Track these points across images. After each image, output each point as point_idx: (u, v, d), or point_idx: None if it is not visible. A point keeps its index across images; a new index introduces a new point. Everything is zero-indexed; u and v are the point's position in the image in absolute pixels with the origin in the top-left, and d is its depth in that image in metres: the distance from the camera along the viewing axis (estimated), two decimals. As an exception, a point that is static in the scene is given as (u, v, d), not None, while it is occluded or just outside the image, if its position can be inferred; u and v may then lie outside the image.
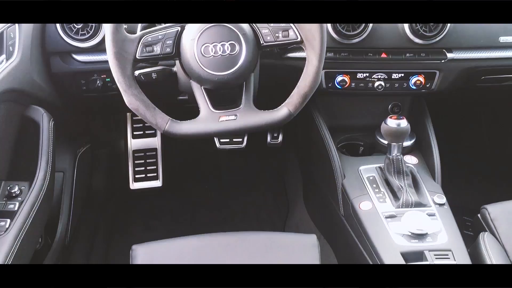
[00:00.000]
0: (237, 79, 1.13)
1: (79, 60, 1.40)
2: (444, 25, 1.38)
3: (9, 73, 1.20)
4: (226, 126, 1.12)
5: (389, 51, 1.45)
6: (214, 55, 1.09)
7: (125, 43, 1.06)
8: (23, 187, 1.23)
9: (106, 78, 1.44)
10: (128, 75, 1.07)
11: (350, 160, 1.54)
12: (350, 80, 1.49)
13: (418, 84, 1.50)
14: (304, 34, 1.11)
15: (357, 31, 1.39)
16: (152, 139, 2.06)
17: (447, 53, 1.45)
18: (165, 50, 1.10)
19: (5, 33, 1.20)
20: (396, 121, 1.35)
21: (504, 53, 1.48)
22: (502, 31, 1.45)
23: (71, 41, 1.36)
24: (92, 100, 1.53)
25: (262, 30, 1.13)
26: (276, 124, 1.15)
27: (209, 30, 1.10)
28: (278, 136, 1.87)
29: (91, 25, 1.34)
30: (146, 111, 1.09)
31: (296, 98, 1.14)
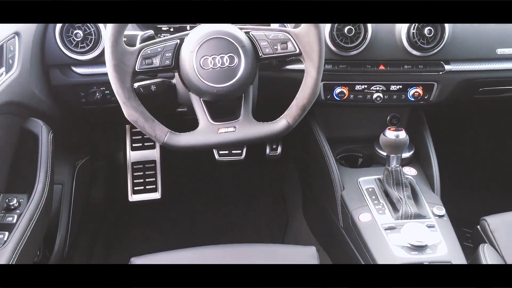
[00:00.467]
0: (236, 91, 1.13)
1: (78, 73, 1.41)
2: (442, 37, 1.39)
3: (9, 86, 1.20)
4: (225, 138, 1.12)
5: (387, 63, 1.46)
6: (213, 68, 1.10)
7: (125, 56, 1.07)
8: (22, 200, 1.22)
9: (106, 90, 1.45)
10: (127, 88, 1.07)
11: (349, 171, 1.54)
12: (349, 92, 1.50)
13: (416, 96, 1.50)
14: (303, 46, 1.12)
15: (355, 43, 1.39)
16: (151, 151, 2.06)
17: (445, 65, 1.46)
18: (164, 62, 1.11)
19: (4, 46, 1.21)
20: (395, 133, 1.35)
21: (501, 65, 1.49)
22: (499, 43, 1.46)
23: (71, 54, 1.37)
24: (91, 112, 1.53)
25: (261, 42, 1.14)
26: (275, 136, 1.15)
27: (208, 43, 1.10)
28: (277, 148, 1.87)
29: (90, 37, 1.35)
30: (145, 123, 1.10)
31: (294, 110, 1.14)
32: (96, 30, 1.35)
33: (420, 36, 1.39)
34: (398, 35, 1.42)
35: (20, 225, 1.15)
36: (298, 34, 1.12)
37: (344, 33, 1.38)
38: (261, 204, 2.23)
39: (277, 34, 1.13)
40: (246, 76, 1.12)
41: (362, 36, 1.39)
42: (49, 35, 1.36)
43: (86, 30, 1.35)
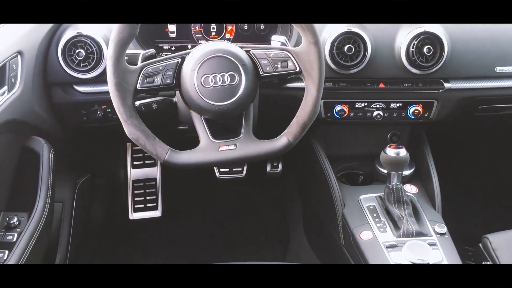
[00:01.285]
0: (236, 109, 1.14)
1: (80, 91, 1.42)
2: (441, 56, 1.40)
3: (11, 104, 1.21)
4: (225, 156, 1.13)
5: (387, 81, 1.47)
6: (214, 86, 1.11)
7: (126, 74, 1.08)
8: (22, 218, 1.22)
9: (107, 108, 1.45)
10: (128, 106, 1.08)
11: (350, 189, 1.54)
12: (349, 109, 1.50)
13: (416, 114, 1.51)
14: (303, 65, 1.13)
15: (355, 61, 1.40)
16: (151, 169, 2.07)
17: (445, 83, 1.47)
18: (166, 81, 1.11)
19: (7, 65, 1.22)
20: (395, 150, 1.35)
21: (501, 83, 1.49)
22: (498, 61, 1.47)
23: (73, 73, 1.37)
24: (93, 130, 1.53)
25: (261, 61, 1.14)
26: (275, 154, 1.15)
27: (209, 61, 1.11)
28: (278, 166, 1.87)
29: (92, 56, 1.36)
30: (146, 141, 1.10)
31: (295, 127, 1.14)
32: (98, 49, 1.36)
33: (419, 55, 1.40)
34: (397, 53, 1.43)
35: (20, 244, 1.15)
36: (298, 53, 1.13)
37: (344, 51, 1.39)
38: (262, 222, 2.22)
39: (278, 53, 1.14)
40: (246, 94, 1.13)
41: (361, 54, 1.40)
42: (52, 54, 1.37)
43: (88, 49, 1.36)
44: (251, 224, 2.21)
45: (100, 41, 1.36)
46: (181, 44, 1.55)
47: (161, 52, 1.53)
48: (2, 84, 1.21)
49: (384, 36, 1.43)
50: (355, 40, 1.39)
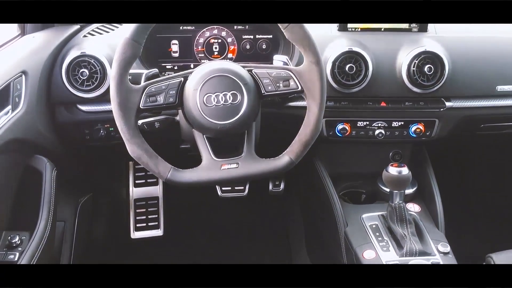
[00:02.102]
0: (239, 127, 1.14)
1: (83, 110, 1.43)
2: (442, 75, 1.41)
3: (14, 124, 1.22)
4: (228, 174, 1.13)
5: (388, 100, 1.47)
6: (216, 105, 1.11)
7: (129, 94, 1.09)
8: (24, 237, 1.22)
9: (110, 127, 1.46)
10: (131, 125, 1.08)
11: (352, 208, 1.54)
12: (351, 128, 1.51)
13: (418, 132, 1.51)
14: (304, 84, 1.13)
15: (356, 80, 1.41)
16: (153, 187, 2.06)
17: (446, 102, 1.47)
18: (168, 100, 1.12)
19: (11, 84, 1.23)
20: (397, 169, 1.35)
21: (502, 101, 1.50)
22: (499, 80, 1.48)
23: (77, 92, 1.39)
24: (95, 149, 1.54)
25: (263, 80, 1.15)
26: (277, 172, 1.15)
27: (211, 81, 1.12)
28: (280, 184, 1.87)
29: (96, 76, 1.37)
30: (149, 160, 1.10)
31: (297, 146, 1.15)
32: (102, 68, 1.37)
33: (420, 74, 1.41)
34: (398, 73, 1.44)
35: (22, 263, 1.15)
36: (300, 72, 1.14)
37: (345, 70, 1.40)
38: (264, 240, 2.21)
39: (280, 72, 1.15)
40: (248, 113, 1.13)
41: (363, 73, 1.41)
42: (56, 74, 1.38)
43: (92, 69, 1.37)
44: (254, 242, 2.20)
45: (104, 60, 1.37)
46: (183, 64, 1.56)
47: (164, 71, 1.54)
48: (6, 104, 1.22)
49: (385, 55, 1.45)
50: (356, 60, 1.41)
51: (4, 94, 1.21)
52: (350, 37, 1.46)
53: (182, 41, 1.54)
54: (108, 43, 1.43)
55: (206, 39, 1.55)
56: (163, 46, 1.54)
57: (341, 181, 1.66)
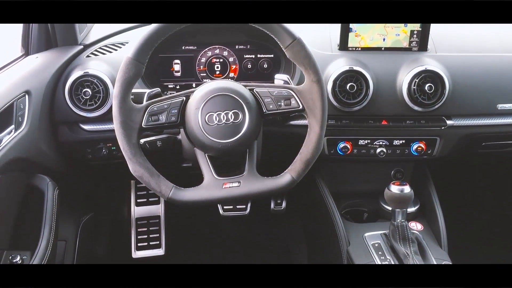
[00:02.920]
0: (240, 146, 1.14)
1: (86, 129, 1.43)
2: (442, 93, 1.42)
3: (17, 143, 1.22)
4: (229, 193, 1.13)
5: (389, 118, 1.48)
6: (218, 123, 1.12)
7: (132, 113, 1.09)
8: (25, 257, 1.21)
9: (112, 146, 1.47)
10: (133, 144, 1.09)
11: (354, 226, 1.53)
12: (352, 146, 1.51)
13: (419, 151, 1.51)
14: (306, 103, 1.14)
15: (357, 99, 1.42)
16: (155, 206, 2.06)
17: (447, 120, 1.48)
18: (170, 119, 1.13)
19: (15, 104, 1.24)
20: (399, 187, 1.35)
21: (502, 120, 1.50)
22: (499, 98, 1.48)
23: (79, 111, 1.39)
24: (97, 168, 1.54)
25: (265, 99, 1.16)
26: (279, 191, 1.15)
27: (213, 100, 1.13)
28: (282, 203, 1.86)
29: (99, 95, 1.38)
30: (151, 179, 1.10)
31: (299, 164, 1.15)
32: (105, 88, 1.38)
33: (421, 92, 1.41)
34: (399, 91, 1.44)
35: None
36: (301, 91, 1.15)
37: (346, 89, 1.41)
38: (266, 259, 2.20)
39: (281, 91, 1.16)
40: (250, 131, 1.14)
41: (363, 92, 1.42)
42: (59, 93, 1.39)
43: (95, 88, 1.38)
44: (256, 261, 2.18)
45: (107, 80, 1.38)
46: (185, 83, 1.57)
47: (166, 90, 1.56)
48: (9, 123, 1.23)
49: (385, 74, 1.46)
50: (357, 78, 1.41)
51: (7, 113, 1.21)
52: (351, 56, 1.48)
53: (184, 60, 1.56)
54: (111, 63, 1.45)
55: (208, 58, 1.56)
56: (166, 66, 1.56)
57: (343, 199, 1.65)
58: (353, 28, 1.48)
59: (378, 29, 1.48)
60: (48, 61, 1.43)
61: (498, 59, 1.52)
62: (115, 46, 1.52)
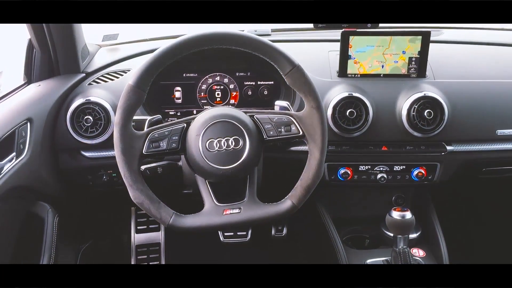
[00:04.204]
0: (241, 172, 1.14)
1: (87, 156, 1.44)
2: (442, 119, 1.42)
3: (18, 171, 1.23)
4: (230, 220, 1.12)
5: (389, 144, 1.48)
6: (218, 150, 1.12)
7: (133, 140, 1.10)
8: (24, 285, 1.20)
9: (113, 173, 1.47)
10: (134, 170, 1.09)
11: (356, 253, 1.52)
12: (353, 172, 1.51)
13: (420, 176, 1.51)
14: (306, 129, 1.14)
15: (357, 125, 1.43)
16: (155, 233, 2.04)
17: (447, 146, 1.48)
18: (171, 145, 1.13)
19: (16, 131, 1.24)
20: (401, 213, 1.35)
21: (502, 145, 1.50)
22: (498, 124, 1.49)
23: (81, 139, 1.40)
24: (98, 195, 1.53)
25: (265, 125, 1.17)
26: (280, 217, 1.15)
27: (213, 126, 1.13)
28: (283, 229, 1.85)
29: (100, 122, 1.39)
30: (151, 205, 1.10)
31: (299, 190, 1.15)
32: (106, 115, 1.39)
33: (420, 118, 1.42)
34: (398, 117, 1.45)
35: None
36: (301, 117, 1.15)
37: (345, 115, 1.42)
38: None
39: (281, 117, 1.16)
40: (251, 158, 1.14)
41: (363, 118, 1.42)
42: (61, 121, 1.40)
43: (96, 116, 1.39)
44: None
45: (108, 107, 1.40)
46: (186, 110, 1.58)
47: (167, 117, 1.57)
48: (11, 151, 1.23)
49: (384, 101, 1.47)
50: (356, 105, 1.42)
51: (9, 141, 1.22)
52: (350, 83, 1.49)
53: (185, 88, 1.57)
54: (113, 90, 1.46)
55: (208, 85, 1.58)
56: (167, 93, 1.57)
57: (344, 226, 1.64)
58: (352, 55, 1.50)
59: (376, 56, 1.50)
60: (50, 88, 1.45)
61: (497, 85, 1.53)
62: (117, 73, 1.54)
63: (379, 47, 1.48)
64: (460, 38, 1.76)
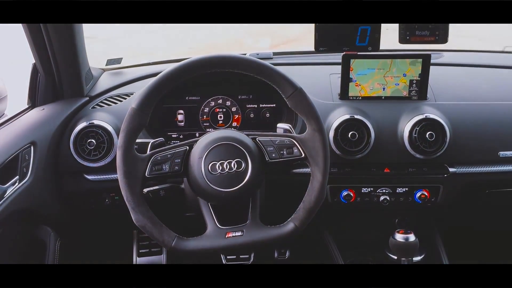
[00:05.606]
0: (243, 195, 1.14)
1: (90, 180, 1.44)
2: (443, 141, 1.42)
3: (20, 194, 1.23)
4: (232, 243, 1.12)
5: (392, 166, 1.48)
6: (221, 172, 1.12)
7: (135, 163, 1.10)
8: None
9: (115, 196, 1.47)
10: (136, 194, 1.09)
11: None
12: (355, 194, 1.51)
13: (423, 198, 1.50)
14: (308, 151, 1.15)
15: (359, 147, 1.43)
16: (157, 256, 2.03)
17: (449, 168, 1.48)
18: (174, 168, 1.13)
19: (20, 155, 1.25)
20: (404, 236, 1.34)
21: (505, 167, 1.50)
22: (500, 146, 1.49)
23: (83, 162, 1.40)
24: (100, 218, 1.53)
25: (267, 147, 1.17)
26: (282, 240, 1.14)
27: (216, 149, 1.14)
28: (286, 252, 1.84)
29: (103, 145, 1.40)
30: (153, 228, 1.10)
31: (302, 213, 1.14)
32: (109, 138, 1.40)
33: (422, 140, 1.42)
34: (400, 139, 1.45)
35: None
36: (303, 140, 1.16)
37: (347, 137, 1.42)
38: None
39: (283, 140, 1.17)
40: (253, 180, 1.14)
41: (365, 140, 1.43)
42: (64, 144, 1.41)
43: (100, 139, 1.40)
44: None
45: (111, 130, 1.40)
46: (189, 133, 1.59)
47: (170, 140, 1.57)
48: (14, 174, 1.23)
49: (386, 123, 1.47)
50: (358, 127, 1.43)
51: (12, 165, 1.23)
52: (351, 105, 1.50)
53: (188, 110, 1.58)
54: (116, 113, 1.47)
55: (211, 108, 1.59)
56: (169, 116, 1.58)
57: (347, 248, 1.63)
58: (353, 77, 1.51)
59: (378, 79, 1.51)
60: (54, 112, 1.46)
61: (498, 107, 1.54)
62: (120, 97, 1.55)
63: (380, 70, 1.50)
64: (460, 60, 1.77)
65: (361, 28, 1.41)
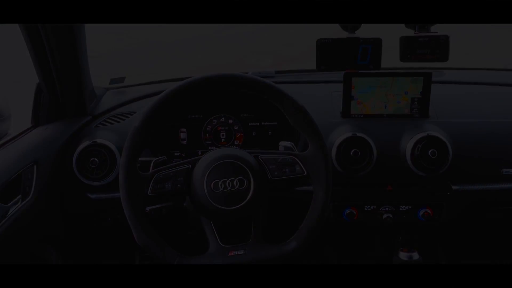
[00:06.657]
0: (246, 213, 1.14)
1: (92, 198, 1.44)
2: (446, 159, 1.42)
3: (23, 213, 1.23)
4: (234, 261, 1.11)
5: (394, 184, 1.48)
6: (223, 190, 1.12)
7: (138, 181, 1.10)
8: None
9: (117, 215, 1.46)
10: (139, 212, 1.09)
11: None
12: (358, 212, 1.50)
13: (426, 216, 1.49)
14: (310, 169, 1.15)
15: (361, 165, 1.43)
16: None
17: (452, 186, 1.47)
18: (176, 186, 1.13)
19: (22, 174, 1.25)
20: (408, 254, 1.33)
21: (509, 185, 1.49)
22: (504, 163, 1.48)
23: (86, 180, 1.41)
24: (102, 237, 1.53)
25: (270, 165, 1.17)
26: (284, 259, 1.14)
27: (218, 167, 1.14)
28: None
29: (106, 164, 1.40)
30: (156, 248, 1.09)
31: (304, 232, 1.14)
32: (112, 156, 1.40)
33: (424, 158, 1.42)
34: (403, 157, 1.45)
35: None
36: (306, 157, 1.16)
37: (350, 155, 1.42)
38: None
39: (285, 158, 1.17)
40: (256, 198, 1.14)
41: (367, 158, 1.43)
42: (66, 163, 1.41)
43: (102, 157, 1.40)
44: None
45: (114, 149, 1.41)
46: (191, 151, 1.59)
47: (173, 158, 1.57)
48: (16, 193, 1.24)
49: (388, 140, 1.47)
50: (360, 145, 1.43)
51: (15, 184, 1.23)
52: (353, 123, 1.50)
53: (190, 129, 1.59)
54: (119, 132, 1.48)
55: (213, 126, 1.59)
56: (172, 134, 1.58)
57: None
58: (355, 96, 1.51)
59: (379, 97, 1.51)
60: (57, 131, 1.47)
61: (500, 125, 1.53)
62: (123, 116, 1.56)
63: (382, 88, 1.50)
64: (462, 78, 1.78)
65: (362, 47, 1.41)
